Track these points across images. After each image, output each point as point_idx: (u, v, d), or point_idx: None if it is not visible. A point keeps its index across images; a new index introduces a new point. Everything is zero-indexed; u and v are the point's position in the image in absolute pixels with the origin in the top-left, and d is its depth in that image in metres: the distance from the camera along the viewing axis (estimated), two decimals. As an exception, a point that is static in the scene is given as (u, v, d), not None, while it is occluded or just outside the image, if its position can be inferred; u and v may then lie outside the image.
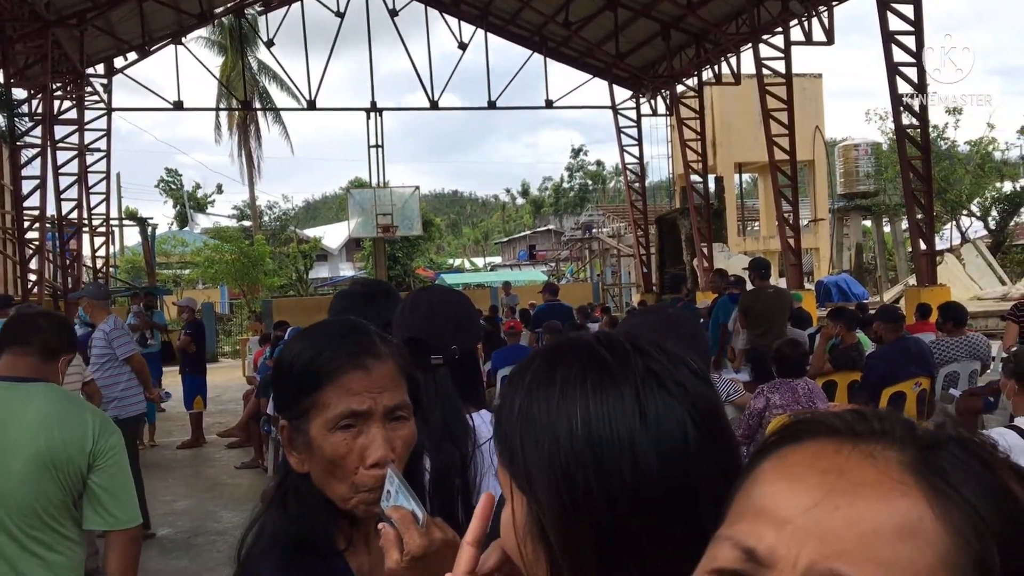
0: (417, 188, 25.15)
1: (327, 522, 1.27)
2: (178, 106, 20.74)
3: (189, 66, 57.44)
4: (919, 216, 14.38)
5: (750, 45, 17.50)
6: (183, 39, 20.85)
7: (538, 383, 0.82)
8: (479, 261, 61.33)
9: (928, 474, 0.56)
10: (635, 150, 23.82)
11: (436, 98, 21.95)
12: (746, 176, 35.61)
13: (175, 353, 11.80)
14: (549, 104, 22.62)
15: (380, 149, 23.09)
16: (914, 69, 13.93)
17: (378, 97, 22.56)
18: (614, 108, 23.84)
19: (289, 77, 23.61)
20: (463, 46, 21.87)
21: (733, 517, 0.61)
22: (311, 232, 49.23)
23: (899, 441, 0.58)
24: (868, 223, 35.48)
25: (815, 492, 0.56)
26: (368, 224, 23.86)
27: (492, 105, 22.30)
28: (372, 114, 22.64)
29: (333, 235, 49.25)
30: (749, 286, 8.96)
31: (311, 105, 21.65)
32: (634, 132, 23.73)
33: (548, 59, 22.54)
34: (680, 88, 21.45)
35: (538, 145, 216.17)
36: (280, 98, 35.77)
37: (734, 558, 0.58)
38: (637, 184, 24.30)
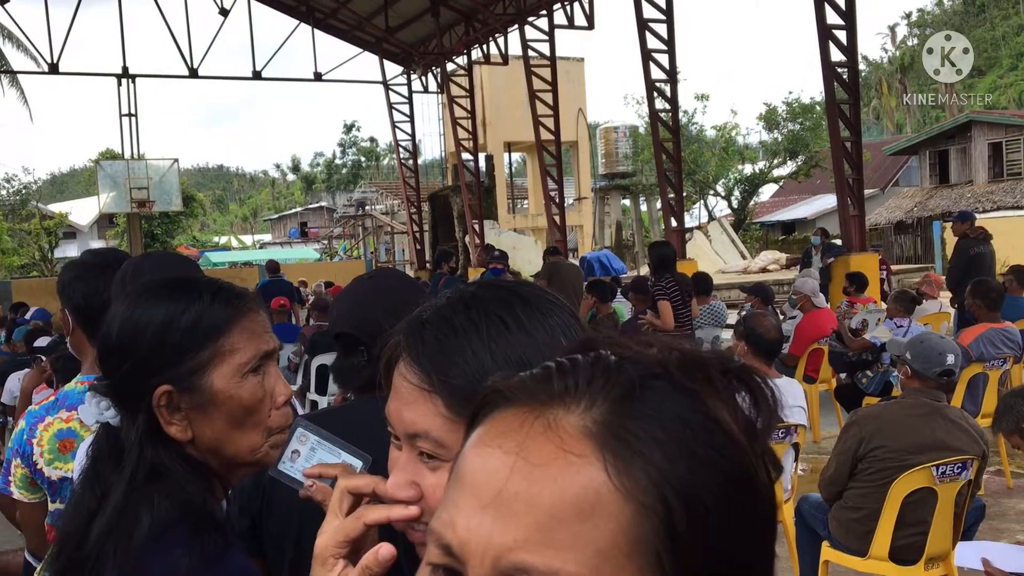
0: (176, 161, 23.76)
1: (210, 494, 1.18)
2: None
3: (-95, 19, 50.85)
4: (671, 195, 15.35)
5: (517, 26, 17.91)
6: None
7: (497, 331, 0.83)
8: (247, 239, 59.07)
9: (608, 437, 0.52)
10: (407, 127, 23.79)
11: (196, 66, 20.81)
12: (516, 155, 36.55)
13: None
14: (318, 77, 22.06)
15: (134, 118, 21.59)
16: (666, 56, 14.81)
17: (132, 62, 20.99)
18: (385, 84, 23.66)
19: (27, 36, 21.51)
20: (224, 12, 20.84)
21: (445, 499, 0.57)
22: (57, 207, 45.27)
23: (587, 398, 0.54)
24: (627, 202, 37.53)
25: (498, 477, 0.53)
26: (121, 199, 22.28)
27: (257, 76, 21.44)
28: (124, 80, 21.11)
29: (82, 210, 45.63)
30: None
31: (53, 68, 19.86)
32: (406, 109, 23.69)
33: (316, 30, 21.96)
34: (451, 66, 21.63)
35: (309, 119, 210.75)
36: (17, 59, 32.44)
37: (437, 554, 0.55)
38: (410, 161, 24.29)
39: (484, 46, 20.38)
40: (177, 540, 1.08)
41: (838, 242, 13.30)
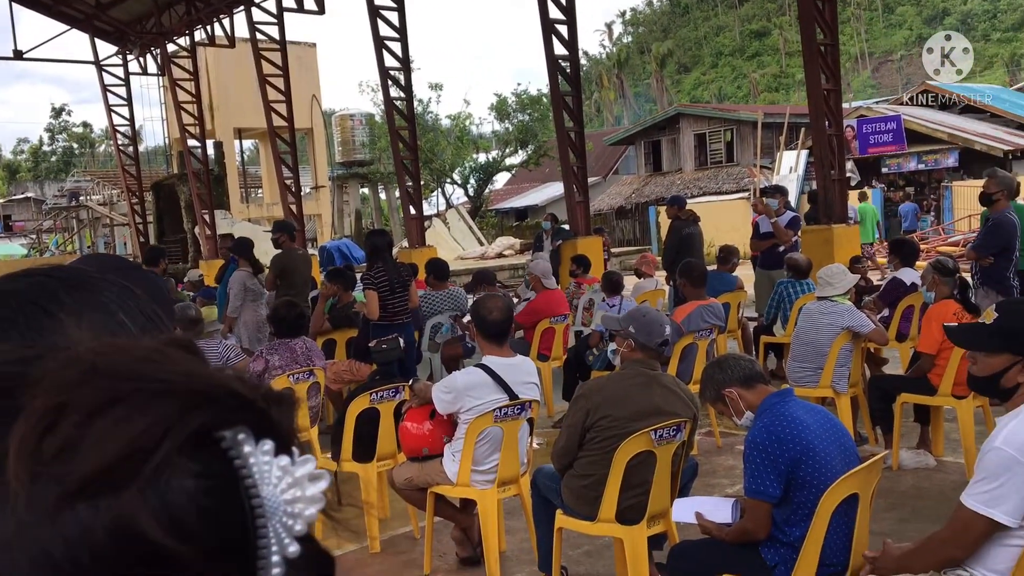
0: None
1: None
2: None
3: None
4: (409, 184, 15.46)
5: (243, 8, 17.19)
6: None
7: (38, 322, 0.72)
8: (-63, 235, 52.51)
9: None
10: (125, 111, 22.13)
11: None
12: (248, 142, 35.17)
13: None
14: (19, 55, 19.97)
15: None
16: (399, 44, 14.85)
17: None
18: (98, 64, 21.85)
19: None
20: (-102, -23, 18.31)
21: None
22: None
23: None
24: (366, 190, 37.33)
25: None
26: None
27: (-58, 51, 19.05)
28: None
29: None
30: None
31: None
32: (123, 92, 22.01)
33: (15, 4, 19.83)
34: (172, 47, 20.37)
35: (10, 102, 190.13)
36: None
37: None
38: (129, 148, 22.65)
39: (208, 27, 19.37)
40: None
41: (566, 227, 14.03)
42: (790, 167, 26.20)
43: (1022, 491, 2.50)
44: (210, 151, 21.77)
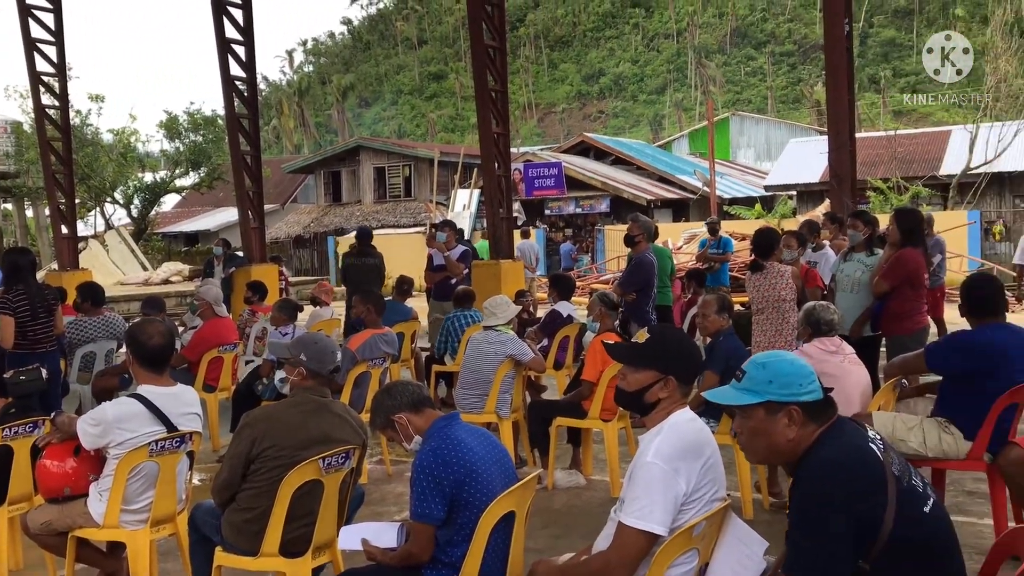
0: None
1: None
2: None
3: None
4: (61, 201, 14.14)
5: None
6: None
7: None
8: None
9: None
10: None
11: None
12: None
13: None
14: None
15: None
16: (54, 48, 13.59)
17: None
18: None
19: None
20: None
21: None
22: None
23: None
24: (9, 206, 33.48)
25: None
26: None
27: None
28: None
29: None
30: None
31: None
32: None
33: None
34: None
35: None
36: None
37: None
38: None
39: None
40: None
41: (240, 253, 13.54)
42: (464, 204, 27.36)
43: (673, 499, 2.73)
44: None
